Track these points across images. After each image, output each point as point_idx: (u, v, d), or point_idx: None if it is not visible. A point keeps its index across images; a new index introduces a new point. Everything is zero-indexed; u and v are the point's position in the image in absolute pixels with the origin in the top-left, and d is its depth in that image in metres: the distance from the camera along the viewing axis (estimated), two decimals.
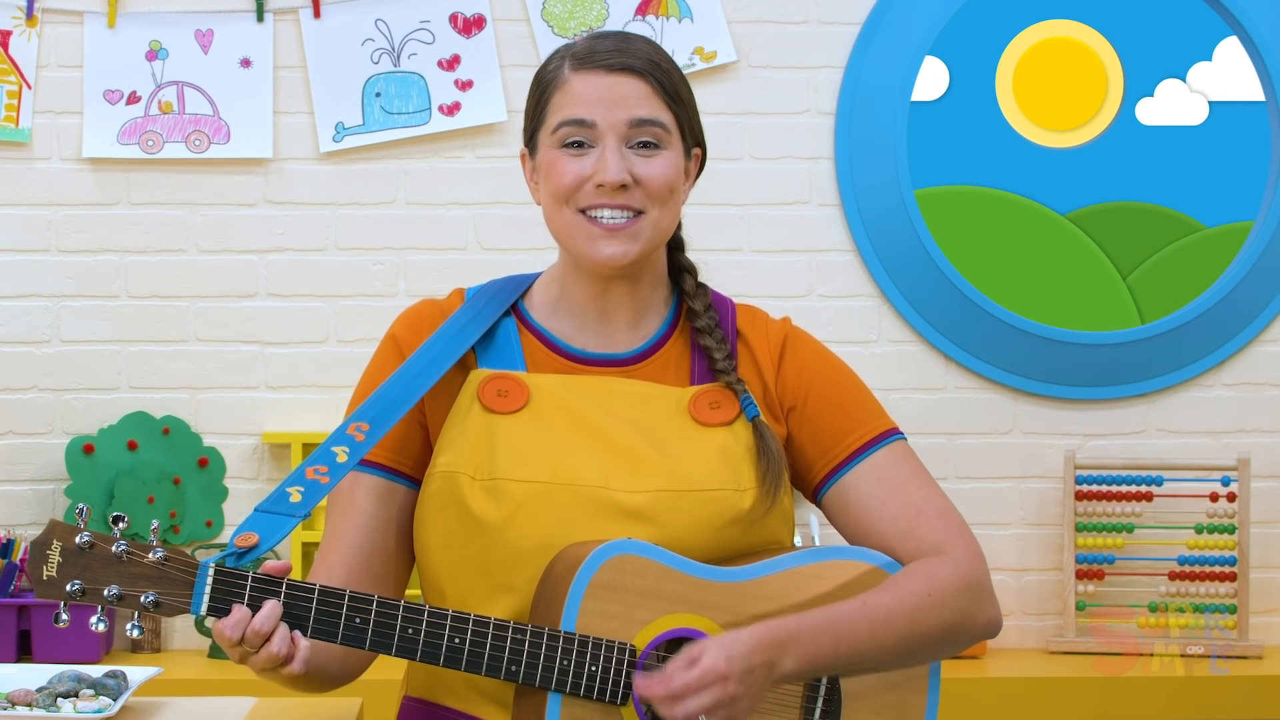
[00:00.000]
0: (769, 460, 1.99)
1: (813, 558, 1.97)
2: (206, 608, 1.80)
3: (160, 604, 1.79)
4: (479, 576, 1.94)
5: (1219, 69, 3.81)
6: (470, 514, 1.94)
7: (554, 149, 2.01)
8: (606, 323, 2.06)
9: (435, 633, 1.84)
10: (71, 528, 1.79)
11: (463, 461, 1.96)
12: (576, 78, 2.01)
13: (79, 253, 3.71)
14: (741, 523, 1.98)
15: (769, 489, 1.99)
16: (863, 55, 3.74)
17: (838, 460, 2.04)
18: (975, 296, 3.75)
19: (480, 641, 1.84)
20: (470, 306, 2.06)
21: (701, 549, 1.95)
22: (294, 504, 1.89)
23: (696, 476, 1.97)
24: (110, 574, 1.79)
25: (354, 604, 1.83)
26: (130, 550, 1.79)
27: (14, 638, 3.50)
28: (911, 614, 1.93)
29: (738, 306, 2.14)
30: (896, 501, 2.01)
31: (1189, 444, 3.81)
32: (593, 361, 2.04)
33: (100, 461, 3.66)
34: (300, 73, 3.71)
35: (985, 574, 2.00)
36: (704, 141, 2.10)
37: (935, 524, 2.00)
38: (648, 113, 2.00)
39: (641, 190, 1.99)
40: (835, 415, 2.06)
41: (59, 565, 1.78)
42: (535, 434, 1.97)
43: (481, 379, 2.00)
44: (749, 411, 2.02)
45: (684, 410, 2.02)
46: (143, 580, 1.79)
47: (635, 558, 1.88)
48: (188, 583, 1.79)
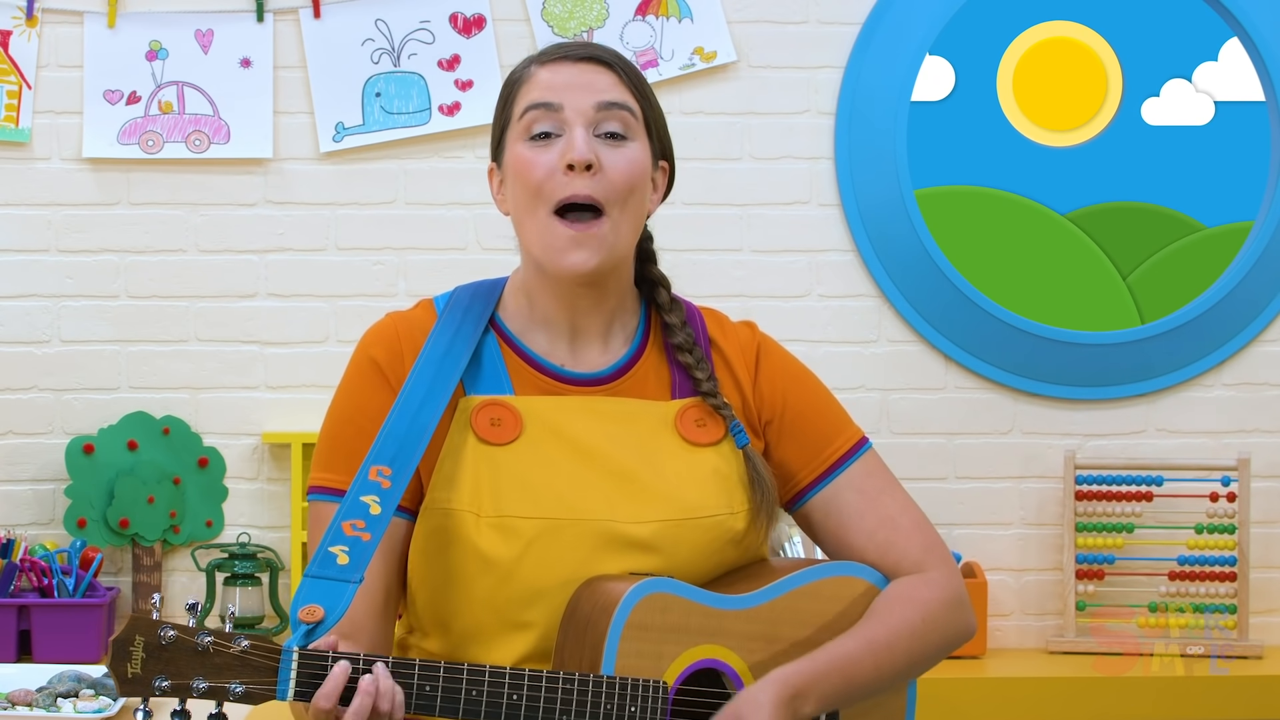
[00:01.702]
0: (763, 492, 2.03)
1: (810, 577, 2.02)
2: (294, 693, 1.78)
3: (249, 694, 1.77)
4: (489, 613, 1.95)
5: (1225, 69, 3.81)
6: (478, 553, 1.94)
7: (521, 143, 1.99)
8: (579, 336, 2.05)
9: (495, 691, 1.85)
10: (153, 622, 1.76)
11: (464, 499, 1.96)
12: (543, 70, 2.01)
13: (79, 253, 3.71)
14: (735, 543, 2.02)
15: (764, 518, 2.03)
16: (863, 55, 3.74)
17: (814, 475, 2.08)
18: (975, 296, 3.75)
19: (535, 694, 1.86)
20: (447, 322, 2.04)
21: (701, 573, 1.99)
22: (343, 567, 1.87)
23: (694, 503, 1.99)
24: (195, 667, 1.76)
25: (424, 671, 1.83)
26: (216, 642, 1.76)
27: (14, 638, 3.50)
28: (909, 645, 2.01)
29: (704, 313, 2.13)
30: (874, 515, 2.07)
31: (1189, 444, 3.81)
32: (575, 381, 2.03)
33: (100, 461, 3.66)
34: (300, 73, 3.71)
35: (963, 586, 2.08)
36: (672, 157, 2.08)
37: (914, 537, 2.07)
38: (615, 96, 1.99)
39: (605, 180, 1.97)
40: (810, 429, 2.09)
41: (143, 662, 1.75)
42: (535, 466, 1.97)
43: (473, 408, 1.99)
44: (739, 440, 2.04)
45: (671, 427, 2.03)
46: (228, 671, 1.76)
47: (663, 595, 1.91)
48: (272, 668, 1.77)
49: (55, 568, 3.55)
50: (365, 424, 1.99)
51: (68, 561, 3.57)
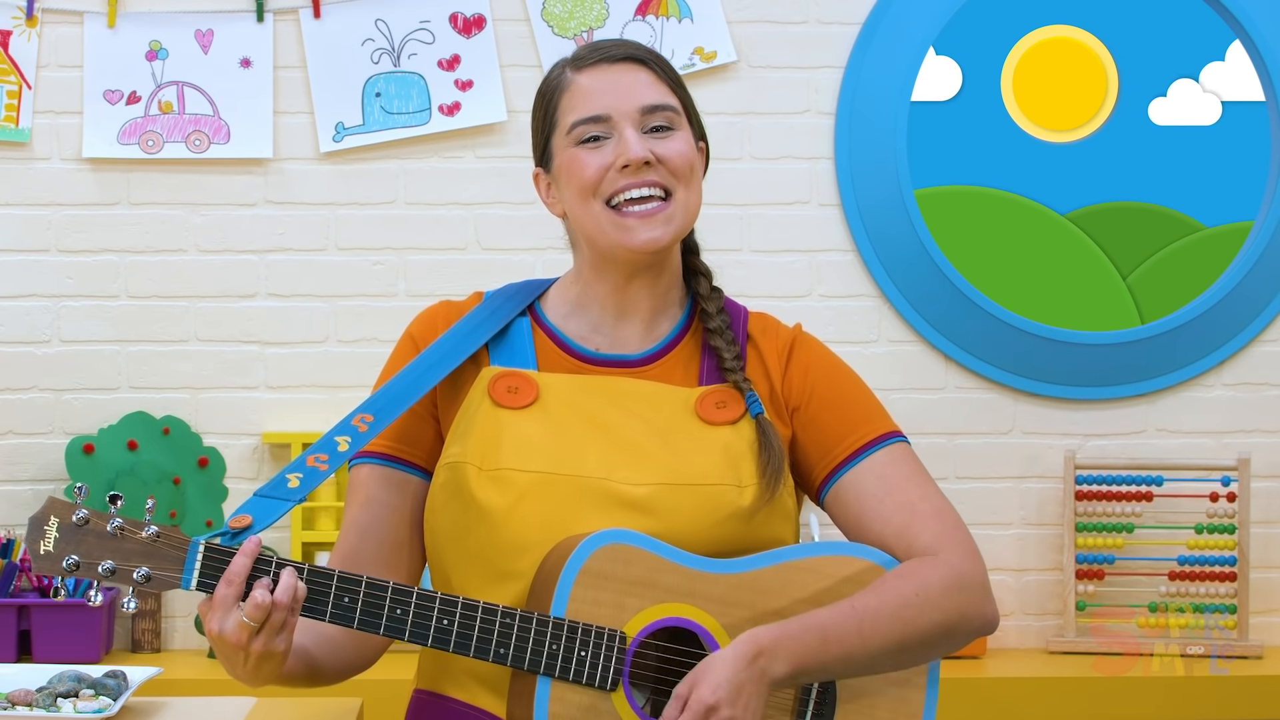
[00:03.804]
0: (770, 454, 2.01)
1: (808, 552, 1.99)
2: (196, 583, 1.84)
3: (152, 578, 1.84)
4: (482, 564, 1.97)
5: (1232, 69, 3.80)
6: (475, 502, 1.97)
7: (571, 148, 2.03)
8: (623, 320, 2.08)
9: (423, 613, 1.87)
10: (68, 504, 1.84)
11: (470, 453, 1.99)
12: (581, 76, 2.05)
13: (79, 253, 3.71)
14: (741, 518, 1.99)
15: (769, 482, 2.00)
16: (863, 55, 3.74)
17: (839, 459, 2.06)
18: (975, 296, 3.75)
19: (469, 623, 1.87)
20: (486, 306, 2.10)
21: (701, 543, 1.97)
22: (291, 489, 1.94)
23: (697, 471, 1.99)
24: (105, 549, 1.83)
25: (343, 583, 1.86)
26: (124, 526, 1.84)
27: (14, 638, 3.50)
28: (899, 613, 1.94)
29: (750, 313, 2.17)
30: (893, 500, 2.03)
31: (1189, 444, 3.81)
32: (603, 362, 2.06)
33: (100, 461, 3.66)
34: (300, 73, 3.71)
35: (980, 572, 2.01)
36: (706, 136, 2.13)
37: (930, 523, 2.02)
38: (658, 98, 2.04)
39: (666, 168, 2.02)
40: (837, 416, 2.08)
41: (55, 540, 1.83)
42: (542, 428, 2.00)
43: (493, 376, 2.03)
44: (753, 409, 2.04)
45: (690, 409, 2.04)
46: (136, 556, 1.83)
47: (626, 547, 1.91)
48: (179, 559, 1.84)
49: None
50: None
51: None
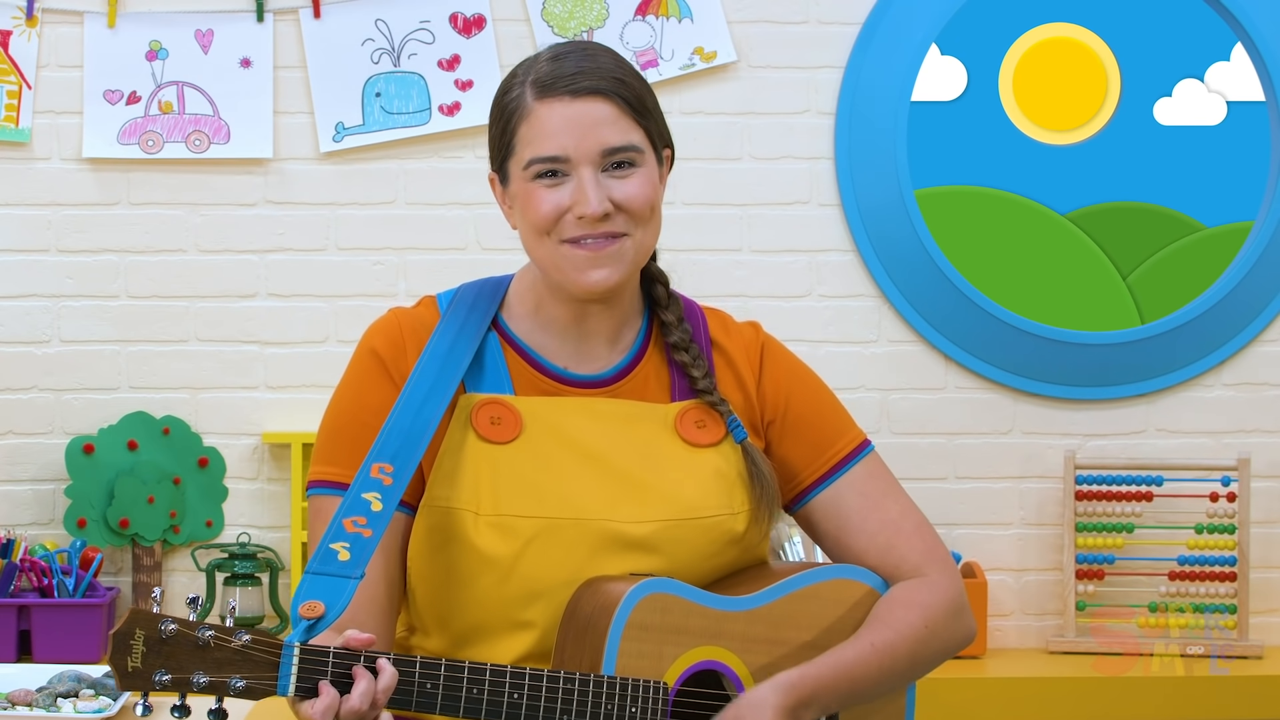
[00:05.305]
0: (763, 486, 2.03)
1: (807, 580, 2.02)
2: (294, 688, 1.77)
3: (249, 689, 1.76)
4: (489, 612, 1.96)
5: (1237, 69, 3.80)
6: (477, 551, 1.94)
7: (527, 182, 1.97)
8: (586, 341, 2.04)
9: (496, 690, 1.84)
10: (153, 616, 1.75)
11: (464, 497, 1.96)
12: (541, 107, 1.96)
13: (79, 253, 3.71)
14: (736, 544, 2.02)
15: (764, 513, 2.03)
16: (863, 55, 3.74)
17: (816, 475, 2.08)
18: (975, 296, 3.75)
19: (537, 694, 1.86)
20: (451, 320, 2.04)
21: (700, 573, 1.99)
22: (344, 563, 1.86)
23: (694, 503, 2.00)
24: (196, 661, 1.74)
25: (425, 669, 1.82)
26: (216, 637, 1.75)
27: (14, 638, 3.50)
28: (912, 649, 2.02)
29: (707, 313, 2.12)
30: (876, 518, 2.08)
31: (1189, 444, 3.81)
32: (576, 383, 2.03)
33: (100, 461, 3.66)
34: (300, 73, 3.71)
35: (963, 591, 2.09)
36: (671, 141, 2.06)
37: (914, 541, 2.07)
38: (620, 139, 1.95)
39: (624, 215, 1.96)
40: (813, 429, 2.09)
41: (143, 655, 1.73)
42: (535, 465, 1.97)
43: (473, 406, 1.99)
44: (737, 435, 2.04)
45: (670, 428, 2.03)
46: (229, 666, 1.75)
47: (663, 595, 1.92)
48: (273, 664, 1.76)
49: (55, 568, 3.55)
50: (367, 418, 1.99)
51: (68, 561, 3.57)
